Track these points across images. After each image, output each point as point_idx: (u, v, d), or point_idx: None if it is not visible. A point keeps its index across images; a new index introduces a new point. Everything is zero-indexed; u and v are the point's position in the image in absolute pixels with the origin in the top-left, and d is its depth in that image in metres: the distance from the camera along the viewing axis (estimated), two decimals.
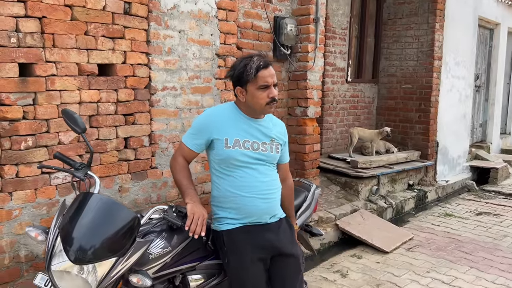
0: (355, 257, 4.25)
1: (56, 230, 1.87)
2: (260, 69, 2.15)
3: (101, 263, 1.80)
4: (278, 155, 2.35)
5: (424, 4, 6.51)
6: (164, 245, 2.06)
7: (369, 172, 5.49)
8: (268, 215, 2.29)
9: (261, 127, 2.30)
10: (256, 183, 2.23)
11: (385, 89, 7.04)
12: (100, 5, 2.79)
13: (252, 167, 2.23)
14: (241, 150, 2.21)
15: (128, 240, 1.88)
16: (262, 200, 2.24)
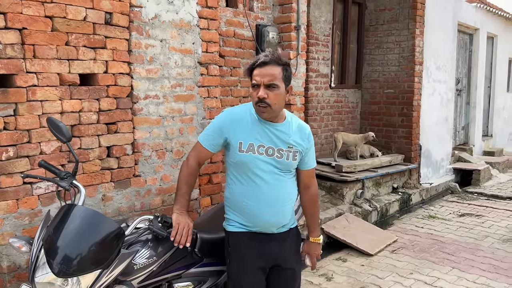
0: (340, 260, 4.30)
1: (39, 241, 1.89)
2: (254, 66, 2.10)
3: (85, 275, 1.82)
4: (295, 162, 2.22)
5: (404, 11, 6.64)
6: (150, 255, 2.08)
7: (353, 176, 5.56)
8: (275, 227, 2.24)
9: (279, 132, 2.18)
10: (267, 195, 2.17)
11: (368, 94, 7.15)
12: (80, 16, 2.82)
13: (264, 176, 2.16)
14: (254, 155, 2.14)
15: (112, 252, 1.89)
16: (270, 213, 2.18)
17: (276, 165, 2.17)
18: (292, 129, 2.22)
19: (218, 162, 3.82)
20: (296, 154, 2.21)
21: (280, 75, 2.07)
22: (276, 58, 2.09)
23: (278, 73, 2.06)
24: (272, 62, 2.07)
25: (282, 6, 4.52)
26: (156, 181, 3.35)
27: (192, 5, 3.49)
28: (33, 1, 2.59)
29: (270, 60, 2.07)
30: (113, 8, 2.98)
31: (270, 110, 2.08)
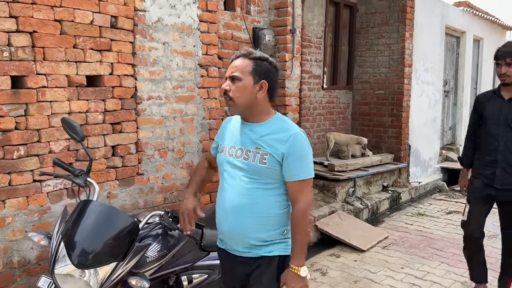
0: (334, 256, 4.45)
1: (59, 235, 1.99)
2: (233, 59, 1.96)
3: (103, 267, 1.93)
4: (264, 166, 1.89)
5: (394, 14, 6.82)
6: (161, 249, 2.19)
7: (345, 175, 5.72)
8: (238, 244, 1.97)
9: (251, 132, 1.95)
10: (226, 199, 1.96)
11: (359, 95, 7.32)
12: (88, 19, 2.92)
13: (230, 180, 1.97)
14: (225, 156, 2.01)
15: (127, 245, 2.00)
16: (226, 221, 1.97)
17: (245, 168, 1.92)
18: (270, 129, 1.93)
19: None
20: (265, 157, 1.89)
21: (247, 68, 1.88)
22: (248, 52, 1.94)
23: (245, 66, 1.88)
24: (242, 56, 1.93)
25: (278, 9, 4.65)
26: (158, 179, 3.46)
27: (193, 9, 3.61)
28: (43, 5, 2.69)
29: (240, 54, 1.94)
30: (118, 12, 3.08)
31: (233, 103, 1.91)
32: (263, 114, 1.97)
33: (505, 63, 3.09)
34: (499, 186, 3.19)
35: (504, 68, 3.10)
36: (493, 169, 3.21)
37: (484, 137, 3.28)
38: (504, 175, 3.17)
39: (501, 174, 3.17)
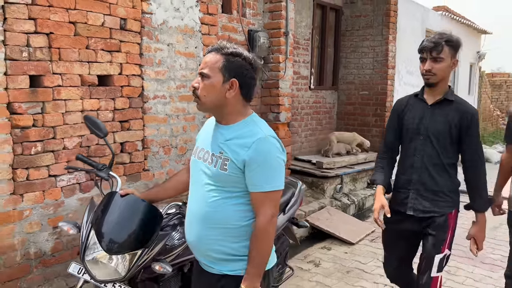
0: (325, 248, 4.68)
1: (89, 225, 2.13)
2: (206, 53, 1.79)
3: (130, 253, 2.08)
4: (224, 173, 1.71)
5: (378, 18, 7.11)
6: (179, 237, 2.35)
7: (333, 172, 5.96)
8: (200, 256, 1.85)
9: (219, 134, 1.80)
10: (192, 205, 1.85)
11: (344, 96, 7.59)
12: (99, 21, 3.05)
13: (194, 184, 1.86)
14: (194, 159, 1.88)
15: (152, 233, 2.16)
16: (189, 228, 1.86)
17: (208, 174, 1.77)
18: (236, 133, 1.75)
19: None
20: (226, 163, 1.71)
21: (217, 64, 1.70)
22: (220, 47, 1.74)
23: (215, 62, 1.71)
24: (214, 50, 1.75)
25: (272, 13, 4.85)
26: (162, 175, 3.61)
27: (195, 12, 3.77)
28: (59, 8, 2.81)
29: (212, 48, 1.77)
30: (127, 15, 3.22)
31: (199, 102, 1.75)
32: (233, 115, 1.77)
33: (431, 57, 2.44)
34: (412, 212, 2.56)
35: (429, 64, 2.45)
36: (407, 192, 2.58)
37: (402, 152, 2.68)
38: (419, 199, 2.54)
39: (414, 197, 2.55)
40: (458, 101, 2.55)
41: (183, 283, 2.57)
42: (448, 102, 2.53)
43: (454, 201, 2.57)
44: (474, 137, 2.51)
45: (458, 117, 2.49)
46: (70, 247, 3.00)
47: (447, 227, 2.54)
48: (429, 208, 2.54)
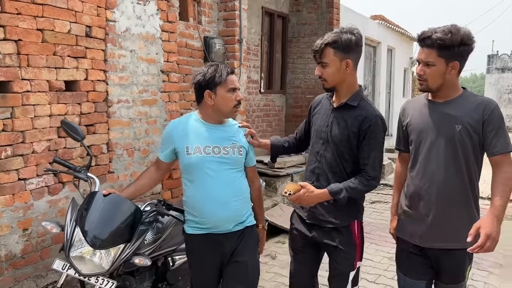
0: (280, 243, 4.98)
1: (73, 223, 2.26)
2: (229, 73, 2.28)
3: (114, 247, 2.23)
4: (241, 157, 2.33)
5: (322, 26, 7.57)
6: (156, 232, 2.53)
7: (284, 171, 6.30)
8: (230, 224, 2.31)
9: (221, 131, 2.32)
10: (218, 192, 2.26)
11: (292, 99, 7.98)
12: (66, 28, 3.14)
13: (212, 173, 2.25)
14: (201, 155, 2.24)
15: (134, 228, 2.33)
16: (221, 209, 2.27)
17: (224, 162, 2.27)
18: (234, 129, 2.39)
19: None
20: (241, 150, 2.32)
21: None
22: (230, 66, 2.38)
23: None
24: (234, 69, 2.37)
25: (227, 21, 5.10)
26: (126, 177, 3.74)
27: (156, 19, 3.93)
28: (27, 15, 2.88)
29: (233, 68, 2.37)
30: (92, 22, 3.33)
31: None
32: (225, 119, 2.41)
33: (318, 62, 2.35)
34: (309, 220, 2.42)
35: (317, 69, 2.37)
36: None
37: (308, 156, 2.49)
38: (317, 207, 2.35)
39: (313, 206, 2.36)
40: (362, 106, 2.30)
41: (156, 276, 2.75)
42: (350, 107, 2.30)
43: (354, 212, 2.39)
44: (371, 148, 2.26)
45: (358, 124, 2.26)
46: (39, 249, 3.07)
47: (353, 241, 2.38)
48: (325, 217, 2.35)
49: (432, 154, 2.20)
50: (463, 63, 2.17)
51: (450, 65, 2.13)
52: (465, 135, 2.13)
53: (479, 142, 2.14)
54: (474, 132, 2.12)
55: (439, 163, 2.18)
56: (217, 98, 2.27)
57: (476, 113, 2.12)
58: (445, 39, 2.08)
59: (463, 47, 2.11)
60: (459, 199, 2.19)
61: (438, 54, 2.12)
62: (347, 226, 2.37)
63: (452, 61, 2.12)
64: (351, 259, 2.38)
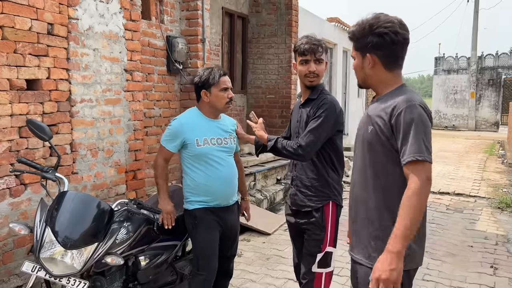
0: (245, 240, 5.05)
1: (43, 223, 2.21)
2: (221, 75, 2.77)
3: (87, 247, 2.21)
4: (235, 145, 2.91)
5: (281, 27, 7.71)
6: (127, 231, 2.52)
7: (247, 170, 6.37)
8: (231, 198, 2.88)
9: (220, 125, 2.85)
10: (224, 174, 2.78)
11: (252, 99, 8.07)
12: (27, 26, 3.06)
13: (219, 160, 2.76)
14: (210, 146, 2.75)
15: (106, 227, 2.31)
16: (228, 187, 2.83)
17: (225, 150, 2.82)
18: (226, 122, 2.93)
19: (141, 160, 4.24)
20: (235, 139, 2.91)
21: None
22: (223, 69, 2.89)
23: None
24: (226, 72, 2.88)
25: (189, 20, 5.10)
26: (90, 177, 3.67)
27: (119, 18, 3.89)
28: None
29: (225, 71, 2.89)
30: (54, 20, 3.26)
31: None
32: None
33: (315, 59, 2.56)
34: (292, 206, 2.71)
35: (313, 65, 2.56)
36: (291, 188, 2.72)
37: None
38: (298, 194, 2.64)
39: (294, 193, 2.67)
40: (320, 97, 2.57)
41: (127, 276, 2.74)
42: (312, 100, 2.60)
43: (326, 195, 2.58)
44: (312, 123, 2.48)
45: (314, 110, 2.52)
46: (1, 253, 2.96)
47: (323, 224, 2.56)
48: (304, 202, 2.60)
49: (355, 157, 2.03)
50: (383, 56, 1.87)
51: (366, 58, 1.89)
52: (376, 138, 1.86)
53: (394, 147, 1.81)
54: (383, 135, 1.83)
55: (355, 167, 2.01)
56: (211, 96, 2.78)
57: (386, 114, 1.82)
58: (354, 31, 1.91)
59: (372, 38, 1.84)
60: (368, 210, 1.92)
61: (354, 47, 1.95)
62: (320, 208, 2.58)
63: (366, 54, 1.89)
64: (319, 240, 2.56)
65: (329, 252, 2.58)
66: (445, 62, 24.39)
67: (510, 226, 5.85)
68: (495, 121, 23.04)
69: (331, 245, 2.59)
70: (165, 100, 5.02)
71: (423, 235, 1.92)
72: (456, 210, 6.64)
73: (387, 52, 1.86)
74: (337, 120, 2.55)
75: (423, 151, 1.71)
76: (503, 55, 23.00)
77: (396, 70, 1.92)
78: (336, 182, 2.63)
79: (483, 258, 4.66)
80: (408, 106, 1.77)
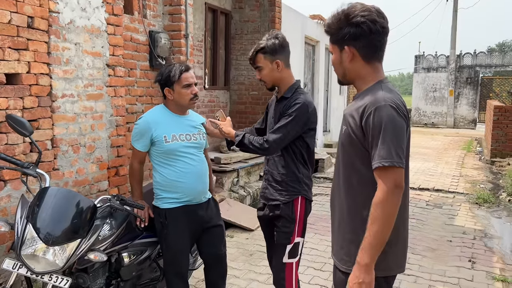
0: (229, 236, 5.05)
1: (24, 220, 2.17)
2: (182, 72, 2.73)
3: (69, 244, 2.19)
4: (204, 141, 2.91)
5: (265, 24, 7.72)
6: (110, 228, 2.50)
7: (230, 166, 6.37)
8: (203, 195, 2.85)
9: (188, 121, 2.84)
10: (195, 169, 2.77)
11: (236, 95, 8.06)
12: (6, 18, 2.99)
13: (189, 156, 2.75)
14: (178, 142, 2.73)
15: (88, 223, 2.29)
16: (199, 183, 2.80)
17: (194, 146, 2.80)
18: (194, 118, 2.93)
19: (124, 156, 4.20)
20: (204, 135, 2.89)
21: None
22: (187, 64, 2.86)
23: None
24: (190, 67, 2.84)
25: (172, 15, 5.06)
26: (72, 174, 3.62)
27: (101, 12, 3.83)
28: None
29: (188, 66, 2.84)
30: (34, 13, 3.19)
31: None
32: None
33: (255, 68, 2.74)
34: (262, 200, 2.82)
35: (257, 74, 2.74)
36: (264, 182, 2.80)
37: None
38: (269, 188, 2.73)
39: (265, 186, 2.76)
40: (294, 96, 2.62)
41: (110, 272, 2.71)
42: (286, 98, 2.64)
43: (296, 190, 2.65)
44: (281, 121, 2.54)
45: (286, 109, 2.59)
46: None
47: (293, 216, 2.64)
48: (273, 196, 2.68)
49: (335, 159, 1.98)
50: (362, 48, 1.78)
51: (344, 52, 1.80)
52: (348, 139, 1.79)
53: (367, 149, 1.72)
54: (356, 136, 1.75)
55: (334, 168, 1.98)
56: (175, 93, 2.76)
57: (357, 115, 1.74)
58: (330, 23, 1.82)
59: (349, 28, 1.74)
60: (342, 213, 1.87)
61: (331, 41, 1.86)
62: (290, 202, 2.66)
63: (344, 47, 1.79)
64: (288, 233, 2.66)
65: (297, 243, 2.69)
66: (424, 60, 24.77)
67: (487, 221, 6.00)
68: (472, 118, 23.54)
69: (299, 235, 2.68)
70: (147, 95, 4.97)
71: (402, 241, 1.85)
72: (436, 206, 6.77)
73: (365, 43, 1.76)
74: (309, 119, 2.61)
75: (392, 156, 1.62)
76: (480, 54, 23.48)
77: (376, 63, 1.82)
78: (306, 177, 2.70)
79: (461, 253, 4.77)
80: (377, 107, 1.67)
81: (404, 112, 1.72)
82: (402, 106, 1.73)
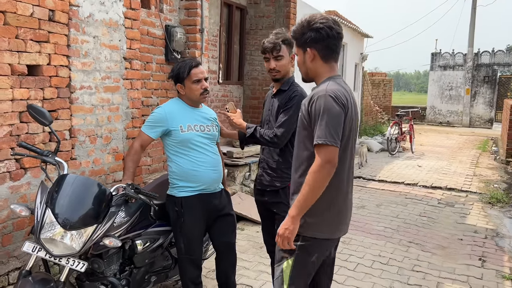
0: (239, 229, 5.12)
1: (43, 205, 2.27)
2: (192, 68, 2.87)
3: (86, 229, 2.28)
4: (217, 132, 3.05)
5: (280, 19, 7.74)
6: (124, 215, 2.59)
7: (242, 161, 6.44)
8: (217, 184, 2.98)
9: (202, 113, 3.01)
10: (209, 159, 2.91)
11: (249, 90, 8.11)
12: (28, 12, 3.09)
13: (204, 146, 2.88)
14: (194, 132, 2.88)
15: (105, 210, 2.38)
16: (213, 172, 2.92)
17: (208, 137, 2.94)
18: (207, 111, 3.10)
19: None
20: (216, 127, 3.05)
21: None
22: (197, 60, 3.05)
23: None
24: (199, 62, 3.00)
25: (188, 10, 5.13)
26: (89, 163, 3.72)
27: (119, 6, 3.92)
28: None
29: (198, 61, 2.99)
30: (55, 6, 3.28)
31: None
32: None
33: (273, 57, 2.85)
34: (259, 186, 3.03)
35: (272, 62, 2.85)
36: (259, 171, 3.05)
37: None
38: (264, 175, 2.96)
39: (261, 173, 3.01)
40: (291, 89, 2.86)
41: (124, 259, 2.81)
42: (283, 91, 2.89)
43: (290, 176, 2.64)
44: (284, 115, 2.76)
45: (285, 101, 2.83)
46: (0, 235, 3.02)
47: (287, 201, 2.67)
48: (269, 183, 2.93)
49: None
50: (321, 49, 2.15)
51: (306, 53, 2.17)
52: (301, 122, 2.19)
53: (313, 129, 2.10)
54: (305, 120, 2.14)
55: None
56: (186, 89, 2.92)
57: (308, 102, 2.13)
58: (295, 29, 2.21)
59: (311, 33, 2.12)
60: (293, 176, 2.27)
61: (296, 45, 2.23)
62: (285, 188, 2.84)
63: (307, 49, 2.16)
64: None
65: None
66: (441, 58, 24.48)
67: (500, 221, 5.97)
68: (489, 118, 23.22)
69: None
70: (162, 89, 5.06)
71: (336, 212, 2.19)
72: (448, 204, 6.75)
73: (324, 45, 2.15)
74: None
75: (326, 135, 1.99)
76: (499, 52, 23.12)
77: (332, 63, 2.21)
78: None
79: (472, 251, 4.77)
80: (319, 96, 2.06)
81: (343, 101, 2.07)
82: (343, 97, 2.08)
